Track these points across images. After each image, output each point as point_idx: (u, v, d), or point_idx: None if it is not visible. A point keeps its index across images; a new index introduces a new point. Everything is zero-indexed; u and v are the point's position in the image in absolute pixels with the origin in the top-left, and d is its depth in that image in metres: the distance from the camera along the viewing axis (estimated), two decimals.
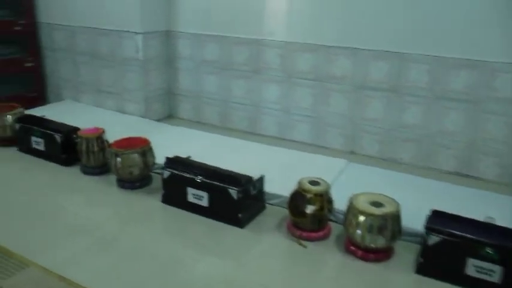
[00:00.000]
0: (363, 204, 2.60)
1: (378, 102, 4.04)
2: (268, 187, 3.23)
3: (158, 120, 5.07)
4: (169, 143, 4.07)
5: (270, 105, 4.61)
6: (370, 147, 4.19)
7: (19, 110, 4.31)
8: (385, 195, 2.69)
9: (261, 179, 3.15)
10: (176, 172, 3.18)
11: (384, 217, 2.52)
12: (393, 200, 2.65)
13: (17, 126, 4.10)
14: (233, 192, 2.92)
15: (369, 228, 2.53)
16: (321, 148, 4.34)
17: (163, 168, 3.26)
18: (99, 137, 3.68)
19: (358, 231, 2.57)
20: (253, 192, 3.04)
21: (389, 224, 2.52)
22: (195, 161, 3.32)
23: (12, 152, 4.18)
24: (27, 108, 4.79)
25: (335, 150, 4.28)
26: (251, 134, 4.73)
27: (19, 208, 3.24)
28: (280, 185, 3.23)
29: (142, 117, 5.01)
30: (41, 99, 5.70)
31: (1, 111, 4.21)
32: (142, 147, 3.46)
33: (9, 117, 4.19)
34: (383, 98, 4.00)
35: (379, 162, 4.02)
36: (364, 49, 3.96)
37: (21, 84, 5.62)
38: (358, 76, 4.06)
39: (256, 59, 4.54)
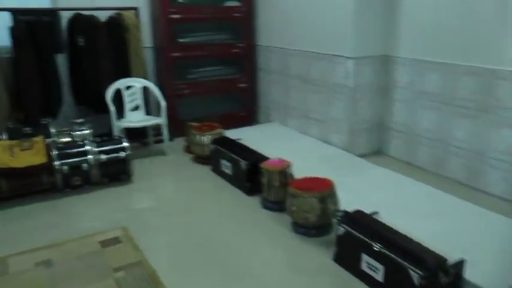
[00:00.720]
0: None
1: None
2: (472, 273, 2.41)
3: (362, 155, 4.51)
4: (363, 186, 3.66)
5: (498, 155, 3.59)
6: None
7: (218, 131, 4.41)
8: None
9: (459, 264, 2.36)
10: (352, 231, 2.64)
11: None
12: None
13: (212, 147, 4.15)
14: (415, 275, 2.23)
15: None
16: None
17: (338, 222, 2.75)
18: (282, 171, 3.39)
19: None
20: (444, 280, 2.28)
21: None
22: (379, 221, 2.71)
23: (206, 171, 4.30)
24: (236, 127, 4.88)
25: None
26: (470, 188, 3.78)
27: (190, 230, 3.24)
28: (491, 273, 2.43)
29: (346, 150, 4.55)
30: (251, 119, 5.83)
31: (202, 130, 4.36)
32: (323, 191, 3.03)
33: (207, 137, 4.30)
34: None
35: None
36: None
37: (235, 103, 5.84)
38: None
39: (487, 94, 3.60)
